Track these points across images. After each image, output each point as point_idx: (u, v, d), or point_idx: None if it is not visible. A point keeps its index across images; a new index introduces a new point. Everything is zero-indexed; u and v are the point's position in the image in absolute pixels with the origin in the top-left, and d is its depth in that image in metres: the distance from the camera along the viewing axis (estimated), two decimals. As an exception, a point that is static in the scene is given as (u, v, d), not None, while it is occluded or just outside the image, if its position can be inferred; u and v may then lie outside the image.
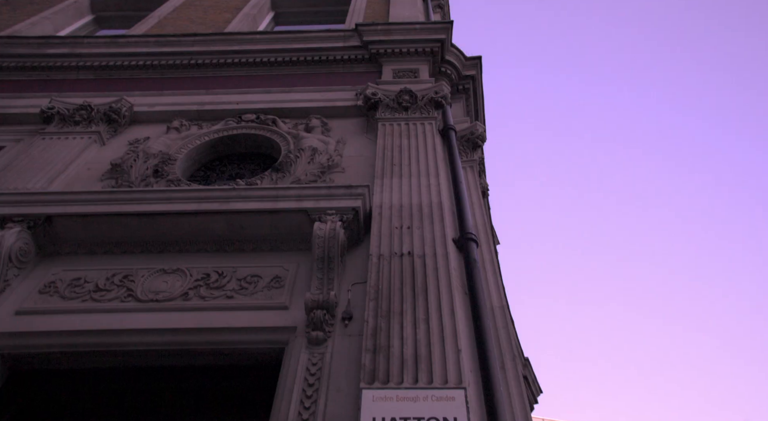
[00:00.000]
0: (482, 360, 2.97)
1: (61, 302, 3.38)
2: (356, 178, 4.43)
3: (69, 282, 3.52)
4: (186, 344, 3.22)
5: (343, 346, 3.09)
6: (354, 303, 3.35)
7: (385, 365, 2.79)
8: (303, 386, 2.87)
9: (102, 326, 3.23)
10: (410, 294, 3.22)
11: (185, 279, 3.55)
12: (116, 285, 3.49)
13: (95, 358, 3.21)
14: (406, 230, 3.74)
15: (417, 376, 2.74)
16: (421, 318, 3.06)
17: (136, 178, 4.42)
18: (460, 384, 2.71)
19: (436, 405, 2.61)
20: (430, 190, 4.16)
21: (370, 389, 2.68)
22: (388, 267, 3.42)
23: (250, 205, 3.81)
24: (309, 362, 2.99)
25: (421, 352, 2.85)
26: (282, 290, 3.49)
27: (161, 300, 3.39)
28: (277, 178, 4.48)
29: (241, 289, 3.49)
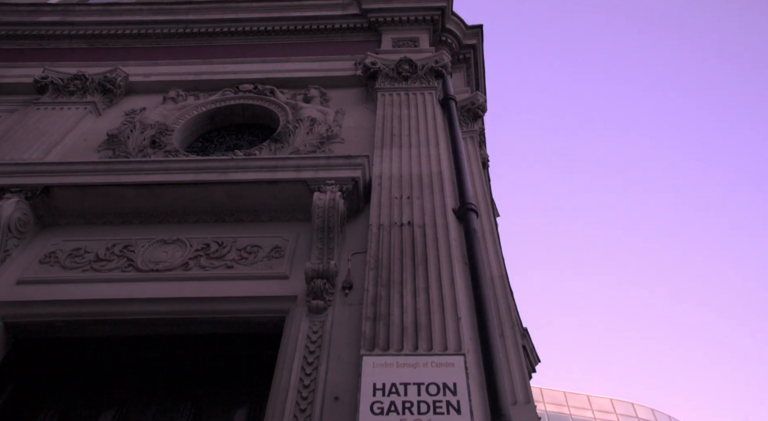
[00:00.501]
0: (481, 328, 3.00)
1: (62, 272, 3.40)
2: (356, 149, 4.40)
3: (69, 252, 3.53)
4: (187, 313, 3.25)
5: (343, 315, 3.12)
6: (354, 273, 3.36)
7: (385, 333, 2.82)
8: (304, 353, 2.90)
9: (103, 295, 3.25)
10: (410, 263, 3.23)
11: (185, 249, 3.56)
12: (116, 255, 3.50)
13: (97, 327, 3.24)
14: (406, 200, 3.73)
15: (417, 343, 2.77)
16: (421, 287, 3.08)
17: (133, 149, 4.38)
18: (459, 351, 2.74)
19: (435, 371, 2.65)
20: (430, 160, 4.14)
21: (371, 355, 2.71)
22: (388, 237, 3.42)
23: (248, 176, 3.79)
24: (310, 330, 3.02)
25: (421, 320, 2.88)
26: (282, 259, 3.51)
27: (162, 270, 3.41)
28: (276, 148, 4.45)
29: (241, 259, 3.50)
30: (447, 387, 2.58)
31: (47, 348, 3.32)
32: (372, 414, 2.46)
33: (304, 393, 2.71)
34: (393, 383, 2.59)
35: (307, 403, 2.66)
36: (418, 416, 2.46)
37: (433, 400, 2.53)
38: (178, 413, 3.17)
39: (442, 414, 2.47)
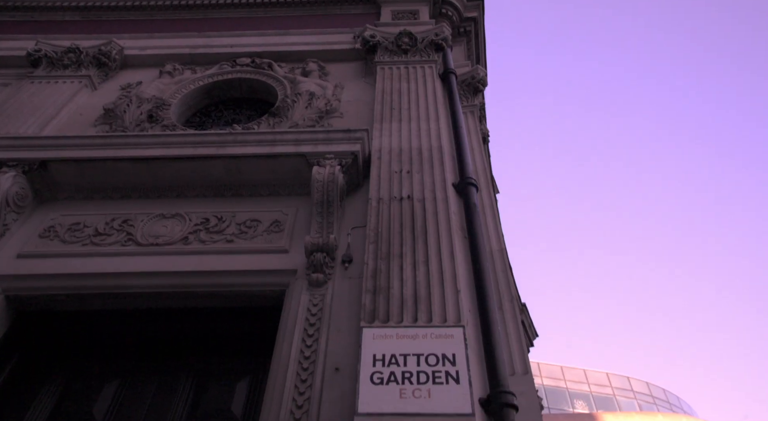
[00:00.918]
0: (481, 301, 3.03)
1: (62, 246, 3.40)
2: (355, 123, 4.36)
3: (68, 227, 3.53)
4: (187, 286, 3.27)
5: (343, 288, 3.14)
6: (354, 247, 3.37)
7: (384, 305, 2.84)
8: (304, 326, 2.93)
9: (104, 269, 3.26)
10: (410, 237, 3.24)
11: (184, 224, 3.56)
12: (116, 230, 3.50)
13: (98, 300, 3.26)
14: (406, 174, 3.72)
15: (416, 315, 2.79)
16: (420, 260, 3.09)
17: (130, 124, 4.35)
18: (458, 323, 2.77)
19: (435, 342, 2.68)
20: (430, 134, 4.12)
21: (371, 327, 2.74)
22: (387, 211, 3.42)
23: (247, 150, 3.77)
24: (310, 303, 3.05)
25: (421, 292, 2.90)
26: (281, 234, 3.51)
27: (161, 244, 3.41)
28: (275, 123, 4.42)
29: (240, 233, 3.51)
30: (446, 358, 2.61)
31: (50, 321, 3.35)
32: (372, 384, 2.50)
33: (305, 364, 2.74)
34: (393, 354, 2.62)
35: (308, 373, 2.70)
36: (417, 386, 2.49)
37: (432, 370, 2.56)
38: (180, 384, 3.21)
39: (441, 384, 2.51)
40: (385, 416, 2.38)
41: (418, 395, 2.46)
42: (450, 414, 2.39)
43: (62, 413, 3.07)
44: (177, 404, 3.10)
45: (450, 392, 2.48)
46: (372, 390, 2.48)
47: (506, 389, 2.58)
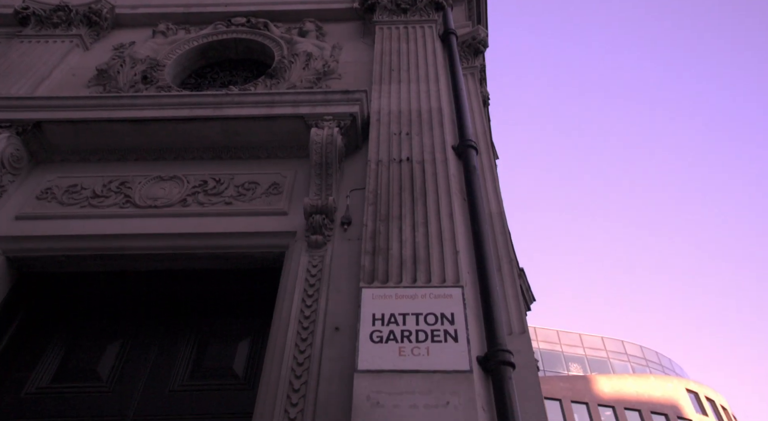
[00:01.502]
0: (479, 262, 3.04)
1: (60, 208, 3.40)
2: (354, 85, 4.30)
3: (65, 189, 3.51)
4: (187, 248, 3.28)
5: (342, 250, 3.16)
6: (353, 209, 3.37)
7: (384, 266, 2.86)
8: (304, 286, 2.96)
9: (103, 230, 3.26)
10: (409, 199, 3.23)
11: (183, 186, 3.55)
12: (113, 192, 3.49)
13: (99, 262, 3.28)
14: (405, 136, 3.69)
15: (415, 275, 2.82)
16: (419, 222, 3.10)
17: (124, 85, 4.27)
18: (457, 283, 2.79)
19: (434, 302, 2.71)
20: (430, 96, 4.06)
21: (370, 287, 2.76)
22: (386, 173, 3.40)
23: (244, 111, 3.72)
24: (309, 264, 3.07)
25: (420, 253, 2.92)
26: (280, 196, 3.50)
27: (160, 206, 3.41)
28: (272, 84, 4.35)
29: (239, 195, 3.50)
30: (445, 317, 2.64)
31: (52, 282, 3.38)
32: (371, 342, 2.54)
33: (305, 323, 2.78)
34: (392, 314, 2.65)
35: (308, 332, 2.74)
36: (416, 344, 2.53)
37: (431, 329, 2.60)
38: (182, 344, 3.27)
39: (439, 342, 2.55)
40: (384, 373, 2.42)
41: (417, 352, 2.50)
42: (448, 371, 2.43)
43: (68, 370, 3.13)
44: (179, 363, 3.16)
45: (448, 349, 2.52)
46: (371, 348, 2.52)
47: (504, 348, 2.62)
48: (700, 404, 42.71)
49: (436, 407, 2.32)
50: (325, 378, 2.55)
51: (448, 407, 2.31)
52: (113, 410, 2.93)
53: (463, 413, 2.28)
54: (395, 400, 2.32)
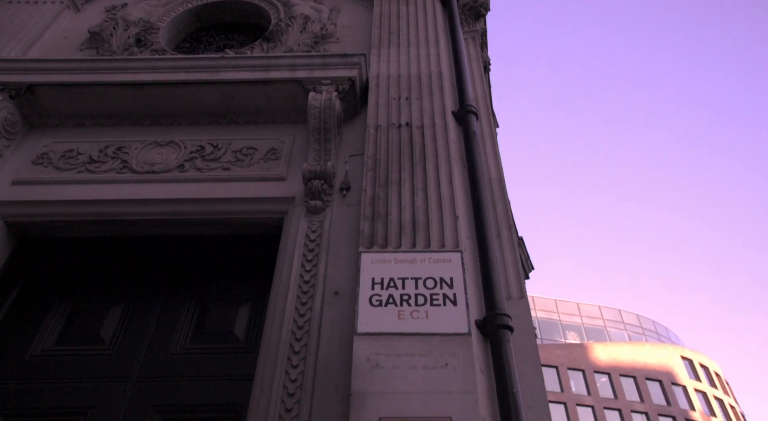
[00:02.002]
0: (479, 227, 3.05)
1: (57, 173, 3.38)
2: (352, 49, 4.22)
3: (62, 154, 3.49)
4: (186, 214, 3.29)
5: (341, 215, 3.16)
6: (352, 174, 3.36)
7: (383, 231, 2.87)
8: (303, 251, 2.98)
9: (101, 196, 3.26)
10: (408, 164, 3.22)
11: (180, 151, 3.52)
12: (110, 157, 3.47)
13: (98, 227, 3.29)
14: (405, 100, 3.65)
15: (415, 240, 2.83)
16: (419, 187, 3.09)
17: (117, 48, 4.20)
18: (456, 248, 2.81)
19: (433, 266, 2.73)
20: (430, 60, 4.00)
21: (369, 252, 2.78)
22: (386, 138, 3.38)
23: (241, 75, 3.67)
24: (308, 229, 3.08)
25: (419, 218, 2.92)
26: (279, 161, 3.49)
27: (157, 171, 3.40)
28: (268, 48, 4.27)
29: (237, 161, 3.48)
30: (444, 281, 2.67)
31: (53, 248, 3.39)
32: (371, 306, 2.57)
33: (305, 288, 2.81)
34: (391, 278, 2.68)
35: (308, 296, 2.77)
36: (415, 308, 2.57)
37: (430, 293, 2.63)
38: (183, 308, 3.31)
39: (438, 306, 2.58)
40: (384, 336, 2.46)
41: (416, 316, 2.54)
42: (447, 334, 2.47)
43: (71, 334, 3.18)
44: (181, 327, 3.21)
45: (447, 313, 2.55)
46: (371, 311, 2.55)
47: (502, 312, 2.65)
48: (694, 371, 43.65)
49: (435, 368, 2.36)
50: (326, 341, 2.59)
51: (447, 368, 2.36)
52: (117, 372, 2.98)
53: (461, 374, 2.32)
54: (394, 361, 2.37)
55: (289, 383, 2.46)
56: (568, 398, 38.68)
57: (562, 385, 39.46)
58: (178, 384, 2.94)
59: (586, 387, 40.08)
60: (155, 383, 2.95)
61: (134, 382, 2.95)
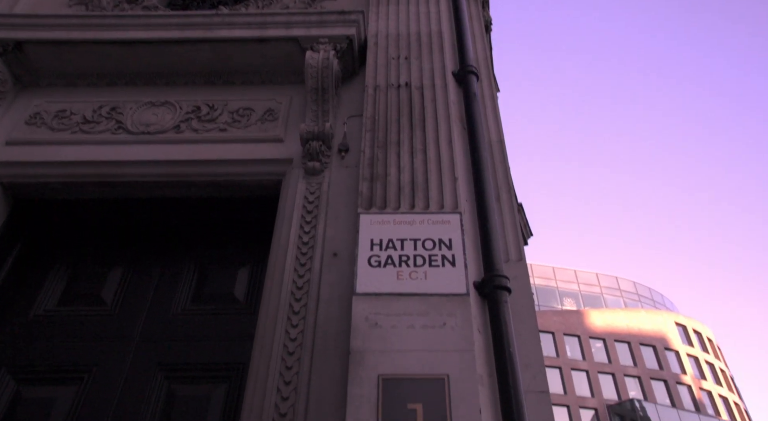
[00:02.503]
0: (478, 189, 3.05)
1: (51, 134, 3.35)
2: (350, 5, 4.12)
3: (54, 114, 3.45)
4: (183, 175, 3.28)
5: (340, 177, 3.16)
6: (350, 136, 3.34)
7: (382, 192, 2.87)
8: (302, 213, 2.99)
9: (96, 157, 3.24)
10: (407, 125, 3.20)
11: (175, 112, 3.49)
12: (105, 117, 3.43)
13: (95, 189, 3.28)
14: (404, 60, 3.59)
15: (414, 202, 2.84)
16: (418, 148, 3.08)
17: (107, 4, 4.10)
18: (456, 209, 2.82)
19: (432, 228, 2.75)
20: (429, 18, 3.92)
21: (368, 213, 2.79)
22: (384, 98, 3.34)
23: (235, 33, 3.59)
24: (307, 191, 3.08)
25: (418, 180, 2.92)
26: (276, 122, 3.46)
27: (153, 132, 3.37)
28: (264, 4, 4.17)
29: (233, 122, 3.45)
30: (443, 242, 2.69)
31: (51, 210, 3.40)
32: (369, 267, 2.60)
33: (304, 249, 2.83)
34: (390, 239, 2.70)
35: (307, 258, 2.79)
36: (414, 268, 2.60)
37: (429, 254, 2.65)
38: (183, 271, 3.34)
39: (437, 267, 2.61)
40: (382, 296, 2.50)
41: (414, 276, 2.57)
42: (445, 294, 2.51)
43: (72, 295, 3.22)
44: (181, 289, 3.25)
45: (446, 274, 2.58)
46: (369, 272, 2.58)
47: (500, 273, 2.68)
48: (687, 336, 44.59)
49: (433, 327, 2.40)
50: (325, 301, 2.63)
51: (445, 327, 2.40)
52: (119, 332, 3.04)
53: (459, 333, 2.37)
54: (393, 321, 2.41)
55: (289, 342, 2.51)
56: (563, 362, 39.63)
57: (558, 350, 40.36)
58: (180, 344, 3.00)
59: (581, 352, 41.02)
60: (158, 343, 3.00)
61: (137, 342, 3.01)
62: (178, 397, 2.79)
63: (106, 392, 2.79)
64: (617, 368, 40.49)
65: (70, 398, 2.77)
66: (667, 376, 40.68)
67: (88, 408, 2.74)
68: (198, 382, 2.86)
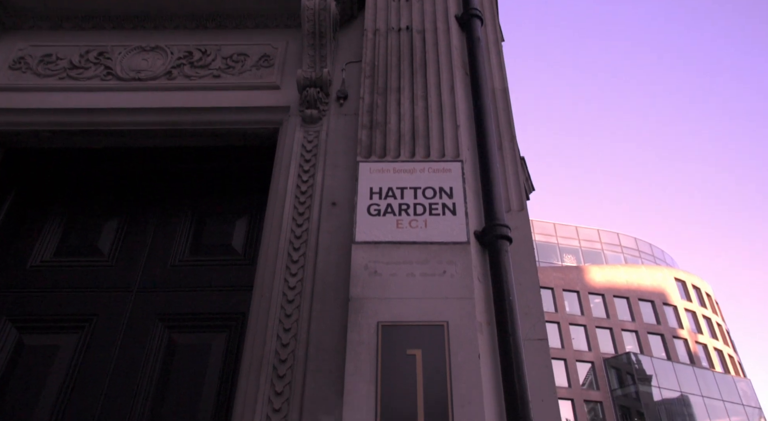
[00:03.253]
0: (480, 138, 2.99)
1: (37, 79, 3.26)
2: (347, -56, 3.94)
3: (40, 58, 3.35)
4: (177, 124, 3.21)
5: (338, 125, 3.10)
6: (349, 82, 3.26)
7: (381, 140, 2.82)
8: (300, 162, 2.95)
9: (86, 104, 3.17)
10: (408, 70, 3.11)
11: (166, 57, 3.39)
12: (92, 63, 3.33)
13: (87, 137, 3.23)
14: (404, 2, 3.46)
15: (414, 150, 2.79)
16: (419, 95, 3.01)
17: (92, -58, 3.90)
18: (457, 157, 2.78)
19: (432, 176, 2.71)
20: (432, -43, 3.74)
21: (367, 162, 2.75)
22: (384, 43, 3.24)
23: (228, -27, 3.44)
24: (304, 139, 3.03)
25: (419, 127, 2.87)
26: (271, 69, 3.36)
27: (144, 79, 3.28)
28: (257, -57, 3.98)
29: (227, 68, 3.36)
30: (443, 191, 2.67)
31: (43, 159, 3.35)
32: (369, 215, 2.58)
33: (302, 198, 2.81)
34: (390, 187, 2.67)
35: (305, 207, 2.77)
36: (414, 217, 2.58)
37: (429, 202, 2.63)
38: (180, 221, 3.33)
39: (437, 215, 2.59)
40: (382, 245, 2.49)
41: (414, 225, 2.56)
42: (446, 242, 2.50)
43: (69, 246, 3.22)
44: (178, 240, 3.24)
45: (446, 222, 2.57)
46: (369, 221, 2.57)
47: (501, 222, 2.66)
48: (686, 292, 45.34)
49: (433, 275, 2.41)
50: (324, 250, 2.62)
51: (445, 275, 2.41)
52: (118, 283, 3.05)
53: (459, 281, 2.38)
54: (392, 269, 2.41)
55: (288, 291, 2.52)
56: (562, 317, 40.48)
57: (557, 305, 41.14)
58: (179, 295, 3.02)
59: (580, 307, 41.84)
60: (157, 294, 3.03)
61: (136, 292, 3.03)
62: (179, 345, 2.84)
63: (108, 340, 2.83)
64: (615, 323, 41.39)
65: (72, 346, 2.81)
66: (664, 330, 41.63)
67: (91, 356, 2.79)
68: (198, 331, 2.89)
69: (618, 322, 41.58)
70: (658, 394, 36.47)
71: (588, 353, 39.53)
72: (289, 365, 2.31)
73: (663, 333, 41.49)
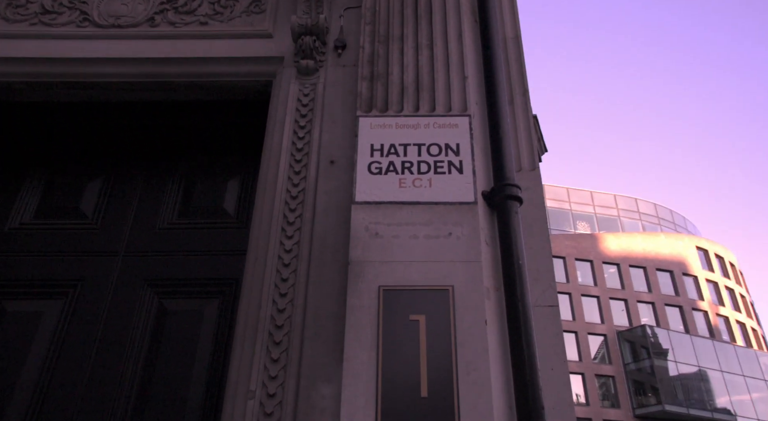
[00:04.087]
0: (489, 90, 2.97)
1: (6, 25, 3.21)
2: None
3: (7, 2, 3.28)
4: (161, 76, 3.18)
5: (337, 77, 3.07)
6: (348, 30, 3.21)
7: (383, 93, 2.80)
8: (295, 117, 2.93)
9: (62, 53, 3.13)
10: (412, 17, 3.05)
11: (148, 2, 3.32)
12: (66, 7, 3.27)
13: (65, 91, 3.20)
14: (409, -60, 3.36)
15: (418, 104, 2.77)
16: (424, 44, 2.96)
17: None
18: (464, 111, 2.76)
19: (437, 132, 2.70)
20: None
21: (368, 116, 2.74)
22: (386, -15, 3.17)
23: None
24: (300, 92, 3.00)
25: (423, 79, 2.84)
26: (263, 15, 3.31)
27: (124, 26, 3.23)
28: None
29: (215, 14, 3.30)
30: (449, 148, 2.66)
31: (18, 114, 3.33)
32: (370, 174, 2.58)
33: (298, 156, 2.81)
34: (392, 144, 2.66)
35: (302, 165, 2.77)
36: (417, 176, 2.58)
37: (434, 160, 2.63)
38: (168, 182, 3.33)
39: (443, 174, 2.59)
40: (384, 205, 2.50)
41: (418, 184, 2.56)
42: (451, 202, 2.51)
43: (50, 206, 3.25)
44: (166, 201, 3.26)
45: (452, 181, 2.57)
46: (370, 180, 2.57)
47: (512, 182, 2.66)
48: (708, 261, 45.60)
49: (438, 237, 2.43)
50: (322, 211, 2.64)
51: (450, 237, 2.43)
52: (104, 246, 3.09)
53: (465, 243, 2.40)
54: (395, 231, 2.43)
55: (285, 254, 2.55)
56: (573, 288, 40.90)
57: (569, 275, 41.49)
58: (168, 259, 3.06)
59: (593, 278, 42.19)
60: (144, 258, 3.06)
61: (122, 256, 3.07)
62: (170, 312, 2.89)
63: (94, 306, 2.88)
64: (630, 294, 41.82)
65: (56, 313, 2.87)
66: (682, 301, 42.09)
67: (77, 323, 2.84)
68: (189, 297, 2.94)
69: (633, 293, 42.00)
70: (674, 368, 37.17)
71: (600, 326, 40.10)
72: (285, 332, 2.35)
73: (682, 305, 41.95)
